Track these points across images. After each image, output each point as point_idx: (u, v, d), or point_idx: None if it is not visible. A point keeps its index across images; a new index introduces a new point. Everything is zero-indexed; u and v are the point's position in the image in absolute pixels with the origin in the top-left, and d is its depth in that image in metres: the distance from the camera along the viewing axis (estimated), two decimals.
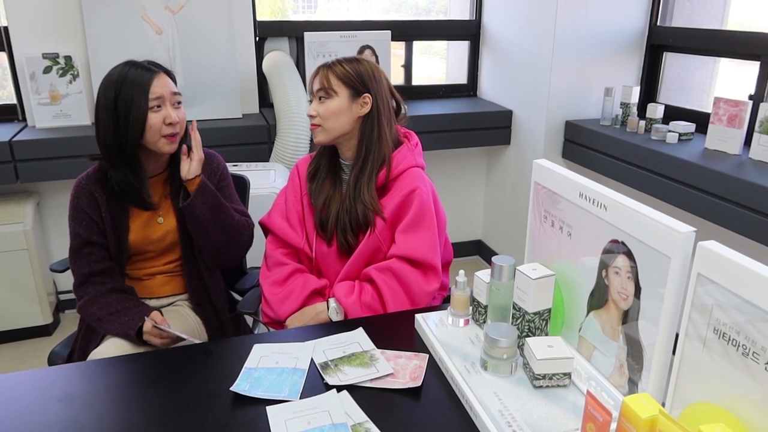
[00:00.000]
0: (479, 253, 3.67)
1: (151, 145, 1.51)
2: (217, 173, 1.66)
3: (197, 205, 1.53)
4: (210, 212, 1.55)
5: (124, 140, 1.47)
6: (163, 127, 1.49)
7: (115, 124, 1.47)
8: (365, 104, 1.52)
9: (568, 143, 2.86)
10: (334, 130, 1.53)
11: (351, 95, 1.51)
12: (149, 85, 1.47)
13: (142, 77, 1.47)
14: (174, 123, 1.50)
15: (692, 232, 0.90)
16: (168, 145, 1.52)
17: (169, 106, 1.51)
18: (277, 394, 1.11)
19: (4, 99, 2.86)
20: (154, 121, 1.48)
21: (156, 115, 1.48)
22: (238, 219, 1.64)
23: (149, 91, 1.47)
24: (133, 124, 1.46)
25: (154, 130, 1.48)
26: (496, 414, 1.02)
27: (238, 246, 1.65)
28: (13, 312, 2.69)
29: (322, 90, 1.52)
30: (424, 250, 1.50)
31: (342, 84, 1.51)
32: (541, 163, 1.25)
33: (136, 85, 1.46)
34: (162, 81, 1.50)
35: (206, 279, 1.66)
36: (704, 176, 2.08)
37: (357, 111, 1.52)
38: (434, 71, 3.79)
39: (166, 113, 1.49)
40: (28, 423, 1.06)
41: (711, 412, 0.85)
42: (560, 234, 1.20)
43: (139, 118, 1.46)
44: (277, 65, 2.84)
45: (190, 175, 1.54)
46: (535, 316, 1.16)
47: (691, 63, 2.77)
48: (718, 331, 0.83)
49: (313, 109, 1.54)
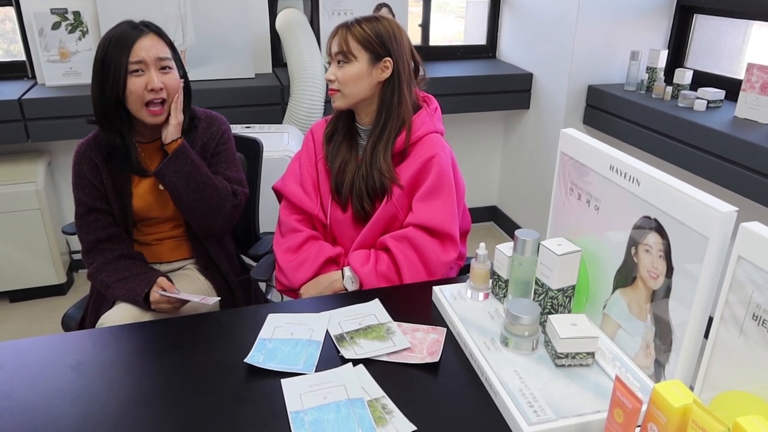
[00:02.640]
0: (494, 219, 3.62)
1: (135, 113, 1.44)
2: (216, 137, 1.60)
3: (166, 173, 1.46)
4: (183, 180, 1.47)
5: (107, 103, 1.42)
6: (145, 93, 1.41)
7: (100, 85, 1.41)
8: (386, 68, 1.45)
9: (589, 109, 2.77)
10: (354, 96, 1.47)
11: (371, 59, 1.44)
12: (131, 47, 1.39)
13: (126, 38, 1.40)
14: (156, 89, 1.42)
15: (733, 212, 0.85)
16: (151, 117, 1.44)
17: (154, 70, 1.42)
18: (291, 367, 1.09)
19: (13, 55, 2.81)
20: (135, 87, 1.40)
21: (137, 79, 1.40)
22: (222, 187, 1.54)
23: (130, 54, 1.39)
24: (112, 87, 1.40)
25: (135, 95, 1.41)
26: (517, 393, 0.99)
27: (218, 216, 1.54)
28: (27, 271, 2.69)
29: (340, 54, 1.45)
30: (442, 218, 1.46)
31: (362, 47, 1.44)
32: (568, 132, 1.19)
33: (119, 47, 1.39)
34: (147, 43, 1.41)
35: (208, 244, 1.63)
36: (734, 146, 2.00)
37: (377, 76, 1.46)
38: (451, 30, 3.67)
39: (148, 78, 1.41)
40: (41, 390, 1.05)
41: (744, 401, 0.82)
42: (587, 208, 1.15)
43: (118, 81, 1.39)
44: (291, 23, 2.75)
45: (167, 139, 1.48)
46: (558, 292, 1.12)
47: (722, 26, 2.65)
48: (758, 317, 0.79)
49: (332, 74, 1.47)
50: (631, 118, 2.48)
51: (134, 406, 1.01)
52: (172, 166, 1.47)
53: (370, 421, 0.96)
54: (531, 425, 0.92)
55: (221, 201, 1.53)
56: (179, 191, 1.48)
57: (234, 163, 1.64)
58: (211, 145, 1.59)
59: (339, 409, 0.99)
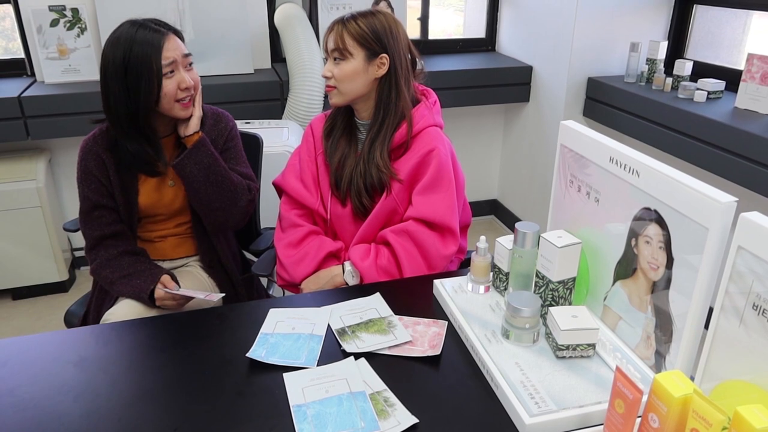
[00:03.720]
0: (495, 212, 3.62)
1: (166, 111, 1.45)
2: (224, 134, 1.60)
3: (187, 165, 1.47)
4: (203, 172, 1.48)
5: (137, 109, 1.40)
6: (178, 92, 1.43)
7: (127, 93, 1.39)
8: (382, 65, 1.45)
9: (589, 101, 2.76)
10: (351, 93, 1.47)
11: (367, 56, 1.44)
12: (160, 49, 1.38)
13: (152, 41, 1.38)
14: (189, 87, 1.44)
15: (733, 203, 0.85)
16: (183, 110, 1.46)
17: (182, 69, 1.43)
18: (293, 361, 1.10)
19: (12, 53, 2.80)
20: (170, 88, 1.41)
21: (171, 81, 1.41)
22: (238, 182, 1.56)
23: (161, 56, 1.38)
24: (146, 93, 1.38)
25: (169, 96, 1.42)
26: (518, 384, 1.00)
27: (234, 210, 1.56)
28: (30, 269, 2.70)
29: (336, 50, 1.44)
30: (441, 212, 1.46)
31: (357, 44, 1.43)
32: (568, 124, 1.19)
33: (147, 51, 1.37)
34: (173, 43, 1.41)
35: (215, 241, 1.63)
36: (734, 137, 2.00)
37: (374, 72, 1.45)
38: (450, 24, 3.66)
39: (180, 78, 1.42)
40: (43, 387, 1.05)
41: (745, 390, 0.82)
42: (587, 200, 1.15)
43: (154, 86, 1.38)
44: (290, 18, 2.74)
45: (188, 131, 1.48)
46: (559, 285, 1.13)
47: (722, 16, 2.64)
48: (758, 307, 0.79)
49: (328, 71, 1.47)
50: (632, 109, 2.48)
51: (137, 402, 1.02)
52: (193, 158, 1.48)
53: (372, 414, 0.96)
54: (532, 417, 0.93)
55: (238, 195, 1.55)
56: (198, 183, 1.49)
57: (243, 160, 1.65)
58: (219, 142, 1.59)
59: (341, 402, 0.99)
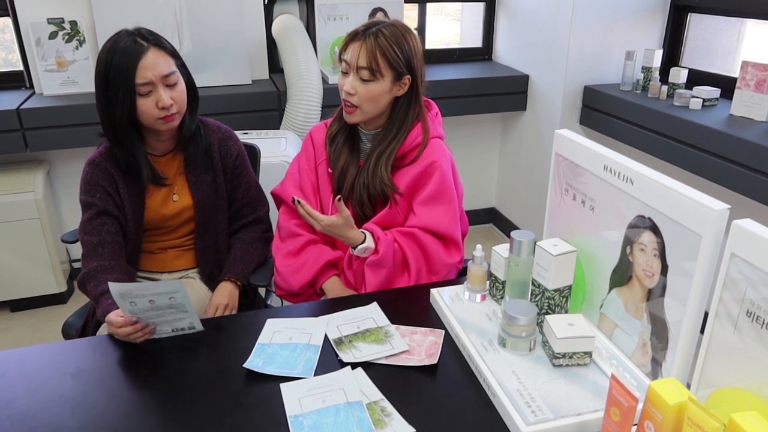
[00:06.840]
0: (493, 220, 3.62)
1: (149, 125, 1.44)
2: (232, 155, 1.60)
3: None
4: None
5: (117, 123, 1.40)
6: (156, 110, 1.39)
7: (107, 107, 1.39)
8: (404, 85, 1.45)
9: (586, 109, 2.77)
10: (371, 113, 1.46)
11: (394, 78, 1.42)
12: (135, 68, 1.34)
13: (129, 58, 1.34)
14: (167, 106, 1.40)
15: (726, 210, 0.86)
16: (165, 124, 1.43)
17: (162, 88, 1.38)
18: (290, 371, 1.10)
19: (11, 65, 2.82)
20: (146, 107, 1.38)
21: (147, 100, 1.38)
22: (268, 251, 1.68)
23: (135, 76, 1.34)
24: (122, 110, 1.37)
25: (146, 114, 1.40)
26: (515, 393, 1.00)
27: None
28: (28, 280, 2.70)
29: (368, 70, 1.39)
30: (445, 223, 1.47)
31: (388, 66, 1.40)
32: (563, 133, 1.19)
33: (122, 69, 1.34)
34: (151, 60, 1.36)
35: (219, 254, 1.64)
36: (730, 144, 2.01)
37: (395, 92, 1.45)
38: (447, 33, 3.68)
39: (157, 97, 1.38)
40: (41, 399, 1.05)
41: (740, 397, 0.82)
42: (582, 208, 1.16)
43: (126, 104, 1.37)
44: (287, 29, 2.76)
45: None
46: (555, 293, 1.13)
47: (716, 24, 2.66)
48: (752, 313, 0.79)
49: (352, 87, 1.42)
50: (628, 117, 2.49)
51: (134, 413, 1.02)
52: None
53: (369, 424, 0.96)
54: (529, 425, 0.93)
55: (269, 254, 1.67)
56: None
57: (253, 181, 1.68)
58: (229, 163, 1.60)
59: (338, 412, 0.99)
